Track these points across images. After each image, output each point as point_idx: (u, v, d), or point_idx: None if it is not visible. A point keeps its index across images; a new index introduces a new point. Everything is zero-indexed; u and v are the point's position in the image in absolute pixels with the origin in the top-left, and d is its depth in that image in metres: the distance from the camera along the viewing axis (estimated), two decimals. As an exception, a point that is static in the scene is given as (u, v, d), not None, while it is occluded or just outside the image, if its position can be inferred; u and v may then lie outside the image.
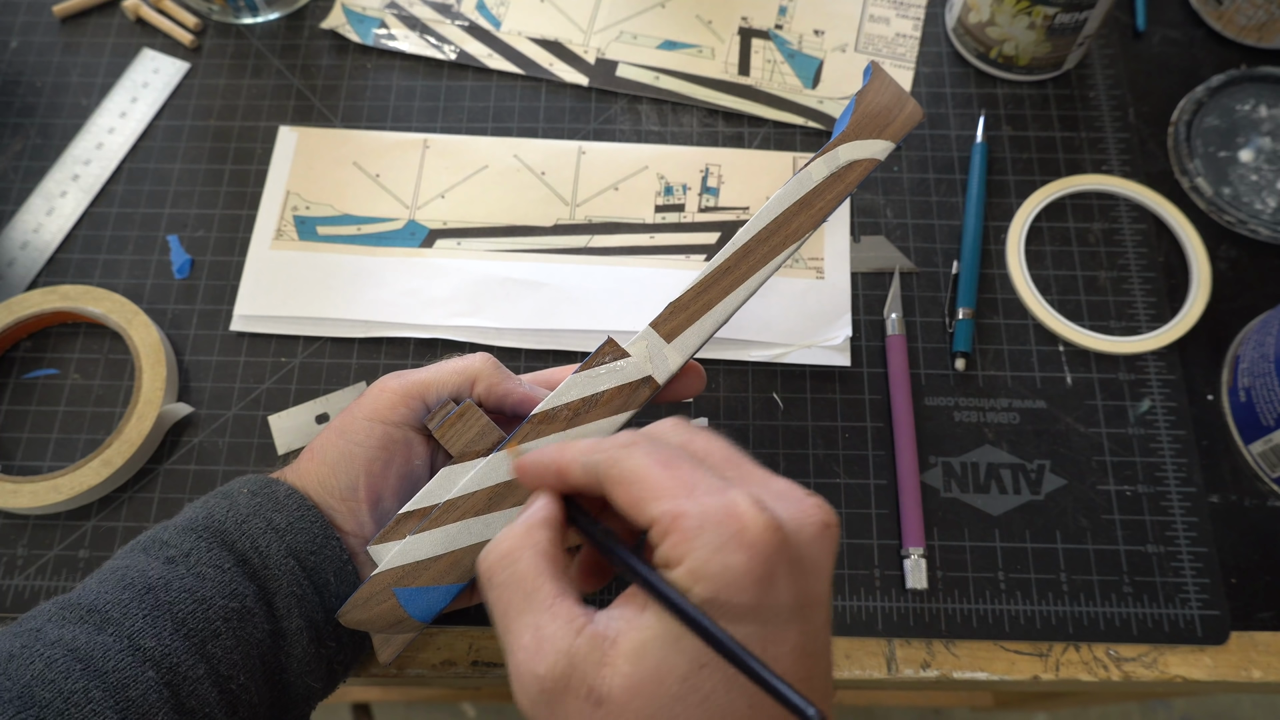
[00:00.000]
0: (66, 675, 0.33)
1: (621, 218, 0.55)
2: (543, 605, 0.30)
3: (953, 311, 0.53)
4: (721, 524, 0.28)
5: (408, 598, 0.37)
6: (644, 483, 0.30)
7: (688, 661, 0.28)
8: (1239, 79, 0.58)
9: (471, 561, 0.37)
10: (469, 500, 0.37)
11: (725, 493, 0.29)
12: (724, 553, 0.28)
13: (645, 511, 0.30)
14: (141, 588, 0.36)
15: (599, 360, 0.38)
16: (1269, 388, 0.47)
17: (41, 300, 0.52)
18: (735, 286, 0.39)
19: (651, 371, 0.38)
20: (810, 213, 0.39)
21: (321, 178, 0.57)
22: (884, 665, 0.46)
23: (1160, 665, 0.46)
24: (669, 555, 0.29)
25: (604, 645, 0.29)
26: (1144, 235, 0.55)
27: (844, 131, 0.41)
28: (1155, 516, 0.48)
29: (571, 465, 0.33)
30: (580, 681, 0.28)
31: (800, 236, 0.39)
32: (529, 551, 0.31)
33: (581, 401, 0.38)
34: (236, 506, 0.39)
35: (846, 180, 0.40)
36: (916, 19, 0.61)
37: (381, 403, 0.40)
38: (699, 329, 0.39)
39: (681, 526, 0.28)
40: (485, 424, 0.39)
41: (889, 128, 0.41)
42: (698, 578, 0.28)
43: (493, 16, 0.62)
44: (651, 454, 0.31)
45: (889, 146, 0.40)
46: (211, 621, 0.36)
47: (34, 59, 0.61)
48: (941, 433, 0.50)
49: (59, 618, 0.35)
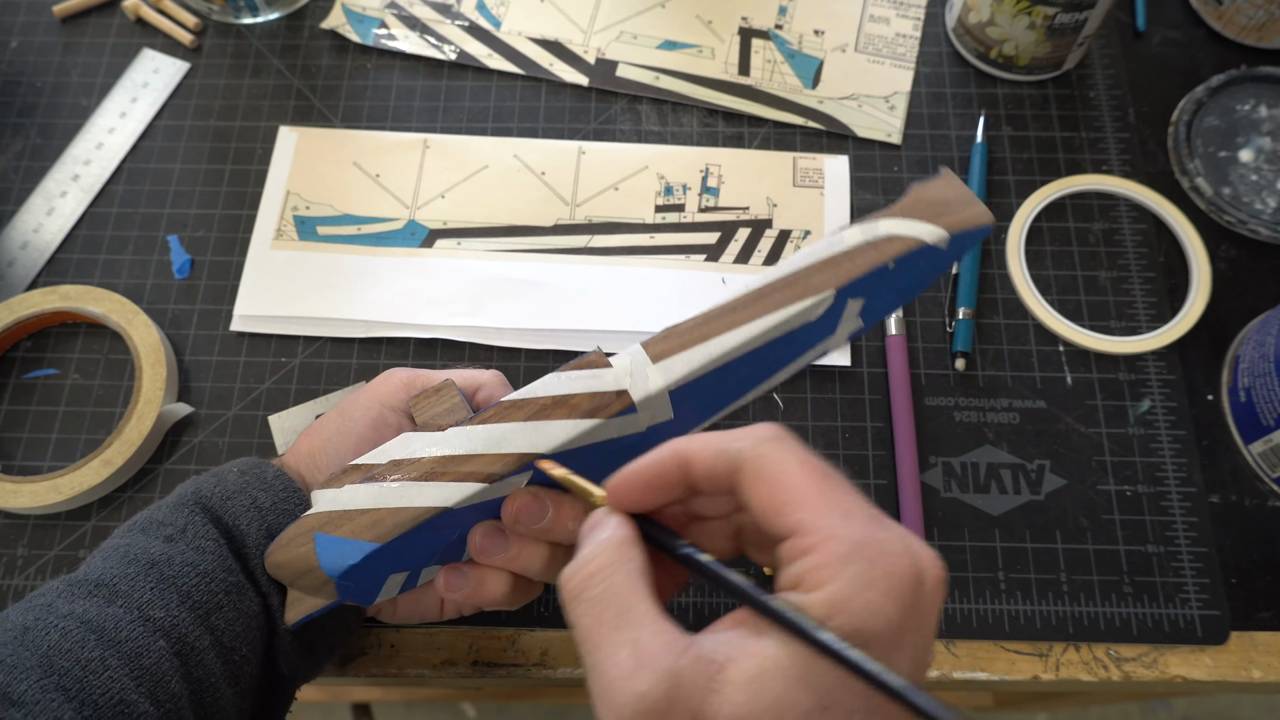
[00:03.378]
0: (83, 644, 0.34)
1: (621, 218, 0.55)
2: (642, 623, 0.28)
3: (953, 311, 0.53)
4: (874, 560, 0.26)
5: (324, 545, 0.36)
6: (793, 487, 0.28)
7: (813, 699, 0.26)
8: (1239, 79, 0.58)
9: (393, 524, 0.36)
10: (411, 464, 0.37)
11: (879, 527, 0.28)
12: (872, 590, 0.26)
13: (786, 517, 0.28)
14: (146, 562, 0.37)
15: (581, 365, 0.38)
16: (1269, 388, 0.47)
17: (41, 300, 0.52)
18: (738, 325, 0.37)
19: (628, 386, 0.36)
20: (834, 272, 0.37)
21: (321, 178, 0.57)
22: (884, 665, 0.46)
23: (1160, 665, 0.46)
24: (805, 576, 0.27)
25: (712, 670, 0.26)
26: (1144, 235, 0.55)
27: (891, 208, 0.39)
28: (1155, 516, 0.48)
29: (701, 452, 0.30)
30: (684, 705, 0.26)
31: (818, 293, 0.37)
32: (625, 567, 0.29)
33: (551, 399, 0.37)
34: (225, 483, 0.39)
35: (882, 251, 0.37)
36: (916, 19, 0.61)
37: (384, 387, 0.41)
38: (688, 358, 0.36)
39: (831, 550, 0.27)
40: (456, 402, 0.40)
41: (945, 217, 0.38)
42: (837, 610, 0.26)
43: (493, 16, 0.62)
44: (805, 458, 0.29)
45: (941, 235, 0.38)
46: (214, 594, 0.37)
47: (34, 59, 0.61)
48: (941, 433, 0.50)
49: (68, 593, 0.36)
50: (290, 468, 0.41)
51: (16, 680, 0.32)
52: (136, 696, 0.34)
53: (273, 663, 0.39)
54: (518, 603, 0.40)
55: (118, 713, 0.33)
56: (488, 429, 0.37)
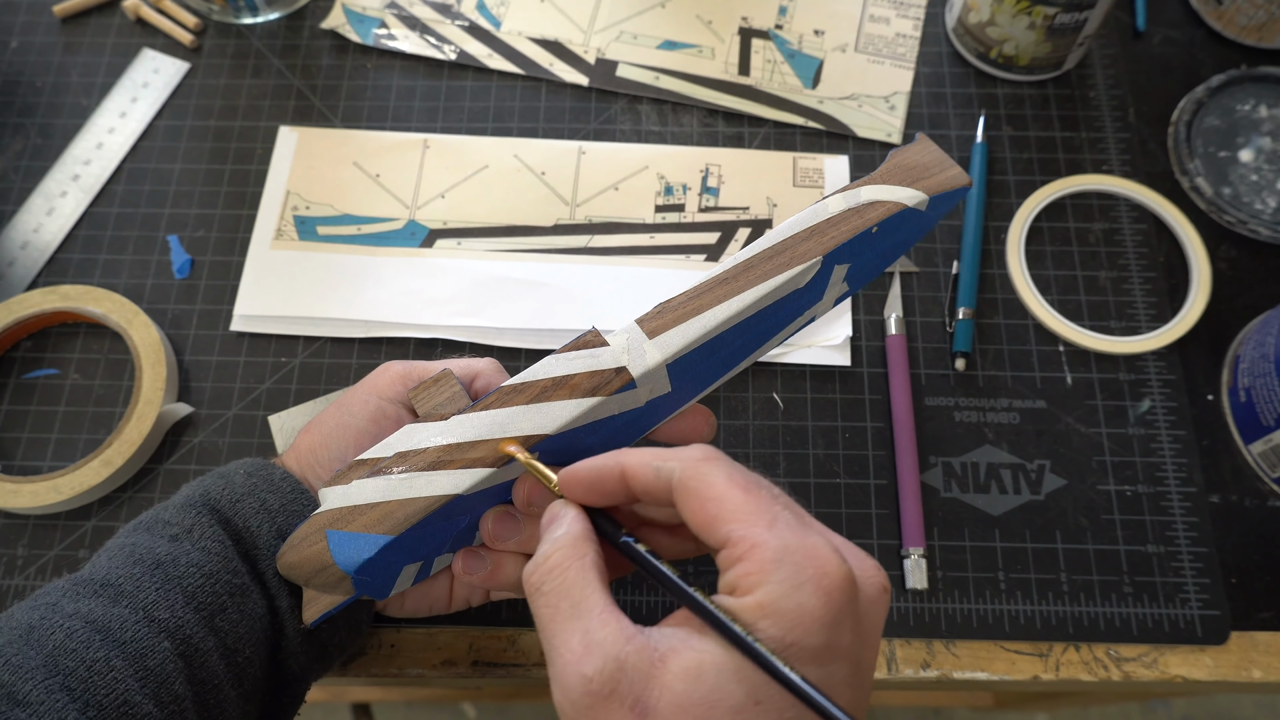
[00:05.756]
0: (87, 645, 0.34)
1: (621, 218, 0.55)
2: (593, 613, 0.30)
3: (953, 311, 0.53)
4: (801, 564, 0.28)
5: (337, 542, 0.37)
6: (723, 501, 0.30)
7: (744, 694, 0.27)
8: (1239, 79, 0.58)
9: (404, 515, 0.36)
10: (418, 455, 0.37)
11: (806, 532, 0.29)
12: (801, 592, 0.28)
13: (718, 530, 0.29)
14: (151, 563, 0.37)
15: (578, 345, 0.38)
16: (1269, 388, 0.47)
17: (41, 300, 0.52)
18: (730, 297, 0.38)
19: (627, 363, 0.37)
20: (820, 240, 0.39)
21: (321, 178, 0.57)
22: (884, 665, 0.46)
23: (1160, 665, 0.46)
24: (738, 582, 0.28)
25: (654, 658, 0.28)
26: (1144, 235, 0.55)
27: (870, 175, 0.41)
28: (1155, 516, 0.48)
29: (641, 468, 0.32)
30: (628, 689, 0.28)
31: (805, 260, 0.38)
32: (578, 563, 0.31)
33: (551, 380, 0.37)
34: (232, 486, 0.39)
35: (864, 217, 0.39)
36: (916, 19, 0.61)
37: (381, 380, 0.42)
38: (683, 331, 0.38)
39: (758, 556, 0.28)
40: (456, 391, 0.40)
41: (923, 181, 0.40)
42: (768, 613, 0.28)
43: (493, 16, 0.62)
44: (732, 474, 0.30)
45: (920, 197, 0.39)
46: (219, 595, 0.37)
47: (34, 59, 0.61)
48: (941, 433, 0.50)
49: (73, 592, 0.36)
50: (292, 467, 0.41)
51: (22, 680, 0.32)
52: (140, 698, 0.34)
53: (281, 663, 0.39)
54: None
55: (121, 714, 0.33)
56: (491, 414, 0.37)
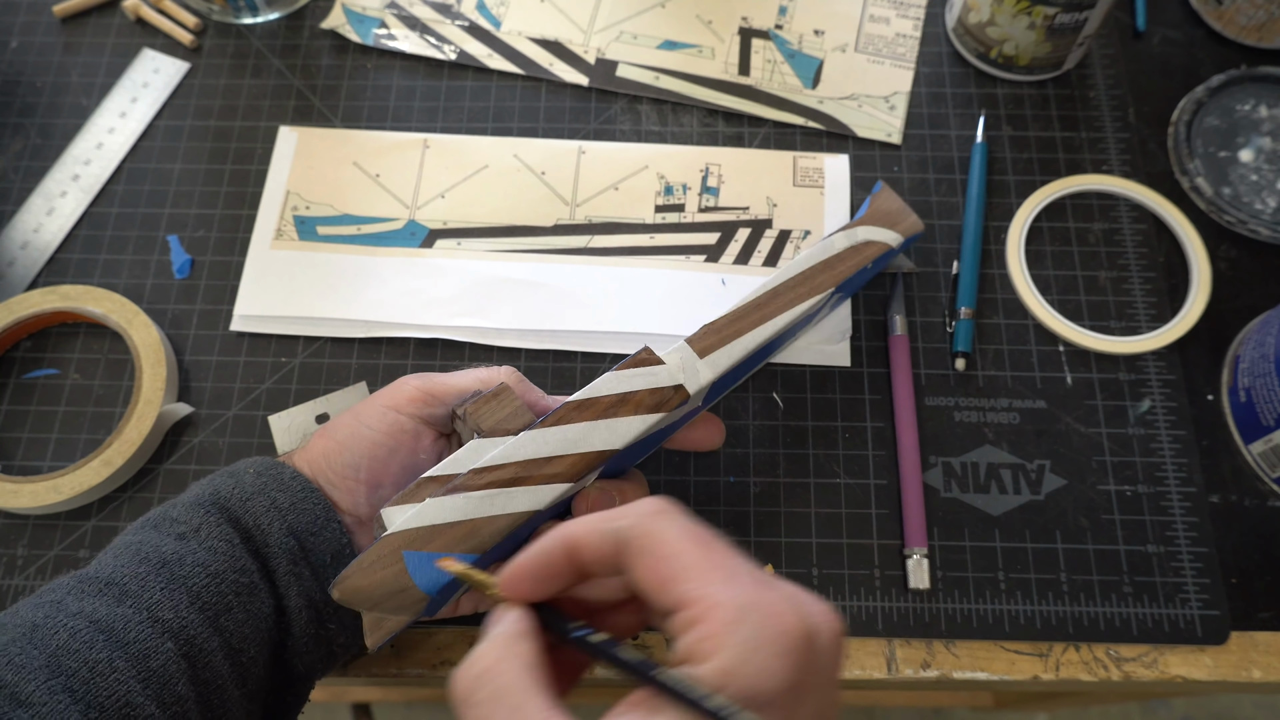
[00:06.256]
0: (90, 645, 0.34)
1: (621, 218, 0.55)
2: (534, 718, 0.27)
3: (953, 311, 0.53)
4: (761, 624, 0.26)
5: (416, 563, 0.36)
6: (676, 559, 0.28)
7: None
8: (1239, 79, 0.58)
9: (490, 533, 0.36)
10: (497, 471, 0.37)
11: (762, 588, 0.27)
12: (761, 655, 0.26)
13: (672, 591, 0.27)
14: (156, 562, 0.37)
15: (635, 363, 0.40)
16: (1269, 388, 0.47)
17: (41, 300, 0.52)
18: (764, 321, 0.42)
19: (684, 380, 0.39)
20: (831, 274, 0.45)
21: (321, 178, 0.57)
22: (884, 665, 0.46)
23: (1160, 665, 0.46)
24: (695, 649, 0.26)
25: None
26: (1144, 235, 0.55)
27: (863, 217, 0.48)
28: (1155, 516, 0.48)
29: (588, 535, 0.30)
30: None
31: (823, 290, 0.44)
32: (512, 664, 0.28)
33: (615, 398, 0.38)
34: (242, 485, 0.39)
35: (863, 254, 0.46)
36: (916, 19, 0.61)
37: (400, 394, 0.41)
38: (729, 351, 0.41)
39: (716, 618, 0.26)
40: (519, 406, 0.40)
41: (898, 225, 0.49)
42: (730, 678, 0.25)
43: (493, 16, 0.62)
44: (685, 529, 0.28)
45: (897, 238, 0.48)
46: (224, 595, 0.37)
47: (34, 59, 0.61)
48: (942, 433, 0.50)
49: (78, 590, 0.36)
50: (302, 468, 0.41)
51: (25, 680, 0.32)
52: (143, 699, 0.34)
53: (287, 662, 0.39)
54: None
55: (123, 715, 0.33)
56: (562, 430, 0.38)
